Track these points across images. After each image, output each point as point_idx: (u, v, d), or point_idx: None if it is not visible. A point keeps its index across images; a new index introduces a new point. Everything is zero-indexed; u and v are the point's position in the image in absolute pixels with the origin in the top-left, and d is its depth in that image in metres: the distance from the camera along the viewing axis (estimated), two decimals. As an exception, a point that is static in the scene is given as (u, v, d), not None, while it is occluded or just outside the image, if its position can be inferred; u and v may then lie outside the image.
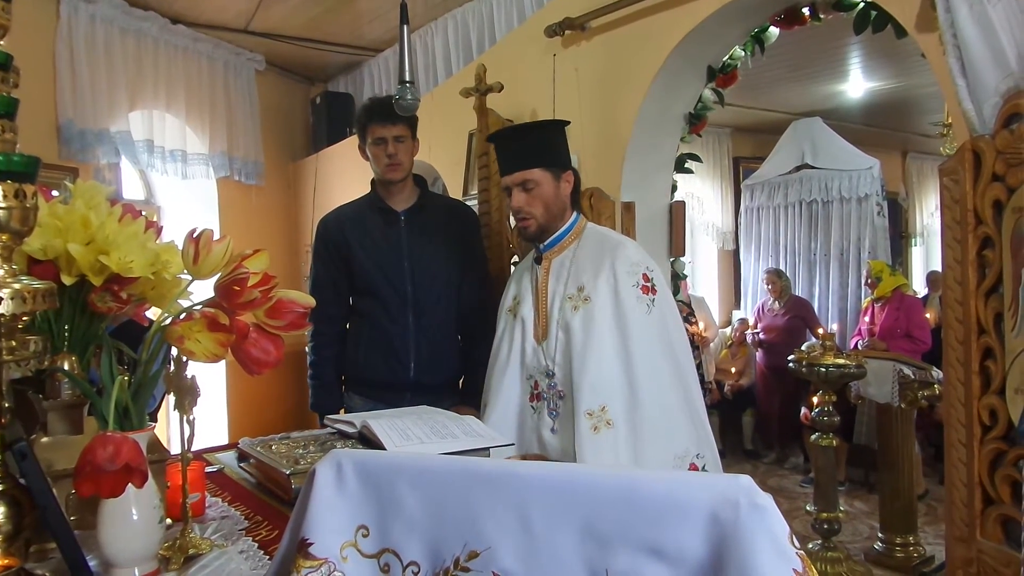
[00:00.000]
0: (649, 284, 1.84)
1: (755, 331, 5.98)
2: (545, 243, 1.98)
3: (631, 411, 1.76)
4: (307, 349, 2.58)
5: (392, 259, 2.40)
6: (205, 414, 4.82)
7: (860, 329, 5.40)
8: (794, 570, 0.65)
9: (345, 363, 2.50)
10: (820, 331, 3.86)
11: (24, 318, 0.94)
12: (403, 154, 2.39)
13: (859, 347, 5.02)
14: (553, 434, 1.87)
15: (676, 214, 3.29)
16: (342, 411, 2.47)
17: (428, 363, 2.41)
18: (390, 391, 2.39)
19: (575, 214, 2.00)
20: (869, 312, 5.31)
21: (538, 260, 2.00)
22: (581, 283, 1.87)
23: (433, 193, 2.60)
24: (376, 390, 2.43)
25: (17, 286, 0.91)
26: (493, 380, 2.01)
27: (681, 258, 3.29)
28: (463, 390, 2.53)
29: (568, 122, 2.09)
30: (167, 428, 4.21)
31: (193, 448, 1.21)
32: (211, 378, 4.87)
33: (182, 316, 1.09)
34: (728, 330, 6.57)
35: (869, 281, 5.32)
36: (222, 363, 1.07)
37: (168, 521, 1.15)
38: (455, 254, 2.46)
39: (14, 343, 0.94)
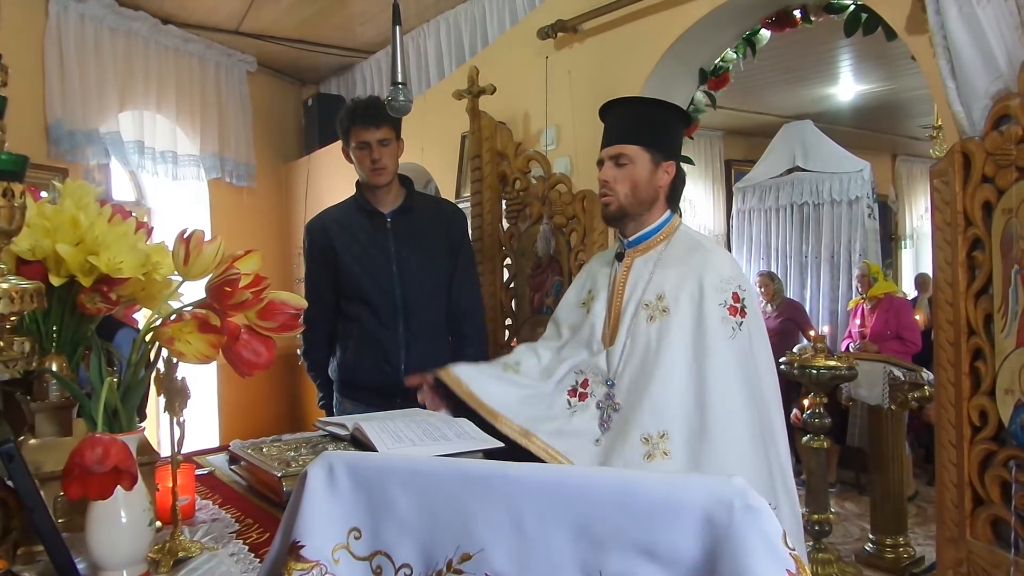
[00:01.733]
0: (739, 305, 1.64)
1: (747, 333, 5.98)
2: (630, 239, 1.80)
3: (694, 445, 1.56)
4: (298, 351, 2.59)
5: (380, 263, 2.39)
6: (196, 416, 4.80)
7: (850, 331, 5.42)
8: (787, 571, 0.65)
9: (335, 367, 2.50)
10: (811, 333, 3.87)
11: (12, 318, 0.93)
12: (388, 158, 2.36)
13: (849, 350, 5.04)
14: (596, 445, 1.69)
15: (668, 216, 3.29)
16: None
17: (419, 366, 2.39)
18: (381, 395, 2.38)
19: (669, 212, 1.81)
20: (859, 314, 5.32)
21: (619, 256, 1.82)
22: (662, 291, 1.69)
23: (419, 193, 2.59)
24: (367, 394, 2.42)
25: (5, 286, 0.90)
26: (537, 343, 1.89)
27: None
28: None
29: (685, 113, 1.88)
30: (157, 430, 4.20)
31: (183, 450, 1.20)
32: (202, 380, 4.85)
33: (172, 317, 1.08)
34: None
35: (864, 280, 5.30)
36: (213, 365, 1.06)
37: (158, 524, 1.14)
38: (443, 254, 2.45)
39: (1, 344, 0.93)
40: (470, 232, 3.09)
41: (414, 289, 2.39)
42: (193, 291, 1.15)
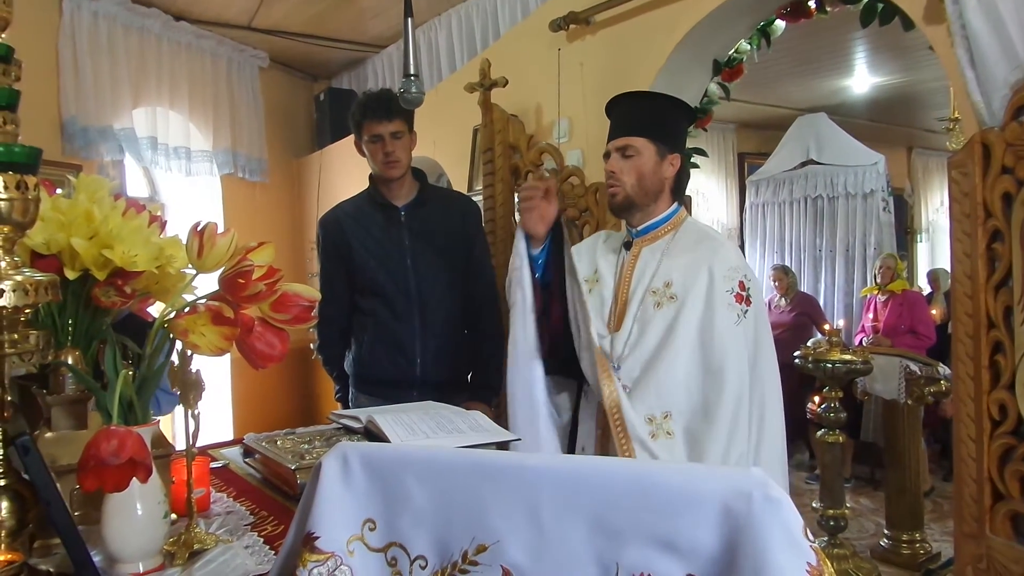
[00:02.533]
0: (744, 293, 1.69)
1: (760, 327, 5.94)
2: (638, 228, 1.84)
3: (696, 425, 1.62)
4: (312, 346, 2.59)
5: (394, 257, 2.38)
6: (210, 410, 4.82)
7: (864, 326, 5.38)
8: (808, 563, 0.64)
9: (350, 361, 2.50)
10: (826, 327, 3.84)
11: (27, 311, 0.93)
12: (401, 151, 2.35)
13: (863, 344, 5.01)
14: None
15: (681, 209, 3.27)
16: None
17: (435, 360, 2.40)
18: (397, 389, 2.37)
19: (675, 204, 1.85)
20: (872, 308, 5.28)
21: (627, 245, 1.86)
22: (670, 278, 1.73)
23: (432, 186, 2.58)
24: (382, 388, 2.41)
25: (19, 278, 0.90)
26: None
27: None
28: (472, 385, 2.51)
29: (690, 108, 1.96)
30: (172, 423, 4.23)
31: (198, 443, 1.20)
32: (216, 373, 4.88)
33: (186, 310, 1.08)
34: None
35: (889, 271, 5.22)
36: (227, 358, 1.07)
37: (173, 516, 1.14)
38: (458, 247, 2.44)
39: (16, 336, 0.93)
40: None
41: (429, 282, 2.38)
42: (207, 284, 1.15)
